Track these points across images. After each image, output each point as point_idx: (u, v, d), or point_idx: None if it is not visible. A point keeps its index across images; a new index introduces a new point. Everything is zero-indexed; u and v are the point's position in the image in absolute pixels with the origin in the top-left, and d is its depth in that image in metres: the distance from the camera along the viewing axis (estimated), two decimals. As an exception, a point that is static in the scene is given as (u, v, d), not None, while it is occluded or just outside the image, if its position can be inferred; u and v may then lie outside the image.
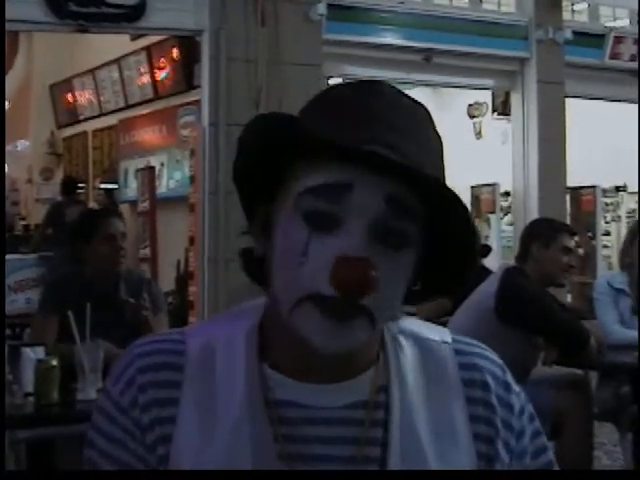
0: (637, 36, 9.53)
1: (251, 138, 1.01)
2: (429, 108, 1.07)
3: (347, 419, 1.04)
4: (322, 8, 7.67)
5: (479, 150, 11.34)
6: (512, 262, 4.43)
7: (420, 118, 1.03)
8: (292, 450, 1.03)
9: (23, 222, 12.82)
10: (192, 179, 7.75)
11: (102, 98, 11.61)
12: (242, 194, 1.08)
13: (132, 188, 10.57)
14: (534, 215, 7.98)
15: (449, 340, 1.12)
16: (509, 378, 1.13)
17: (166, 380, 1.06)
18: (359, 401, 1.05)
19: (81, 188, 11.25)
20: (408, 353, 1.09)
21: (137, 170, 10.26)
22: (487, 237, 9.58)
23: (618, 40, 9.52)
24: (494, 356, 1.14)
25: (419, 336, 1.12)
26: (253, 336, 1.07)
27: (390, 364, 1.08)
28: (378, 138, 0.97)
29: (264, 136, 1.00)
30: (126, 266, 4.02)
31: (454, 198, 0.97)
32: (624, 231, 8.39)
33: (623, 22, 10.07)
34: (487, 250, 6.22)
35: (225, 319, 1.12)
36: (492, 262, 7.07)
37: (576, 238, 4.43)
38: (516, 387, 1.13)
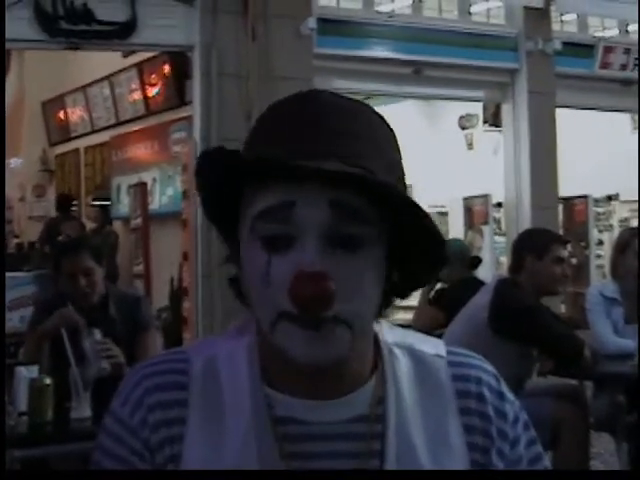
0: (626, 46, 9.58)
1: (199, 180, 1.04)
2: (420, 121, 1.08)
3: (348, 434, 1.05)
4: (312, 22, 7.70)
5: (471, 161, 11.37)
6: (505, 273, 4.43)
7: (362, 118, 1.03)
8: (297, 467, 1.04)
9: (16, 240, 12.78)
10: (184, 194, 7.75)
11: (94, 115, 11.61)
12: (217, 227, 1.10)
13: (124, 204, 10.56)
14: (526, 226, 7.98)
15: (443, 353, 1.13)
16: (503, 387, 1.14)
17: (173, 400, 1.06)
18: (359, 415, 1.06)
19: (74, 205, 11.25)
20: (404, 365, 1.11)
21: (129, 186, 10.26)
22: (480, 248, 9.58)
23: (608, 50, 9.55)
24: (488, 366, 1.15)
25: (414, 348, 1.13)
26: (254, 353, 1.08)
27: (387, 376, 1.09)
28: (311, 148, 0.98)
29: (206, 175, 1.03)
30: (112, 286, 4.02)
31: (402, 197, 0.98)
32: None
33: (612, 32, 10.11)
34: (478, 261, 6.23)
35: (226, 336, 1.13)
36: (485, 273, 7.09)
37: (569, 247, 4.44)
38: (510, 396, 1.14)
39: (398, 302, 1.10)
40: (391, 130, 1.07)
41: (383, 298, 1.05)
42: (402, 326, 1.19)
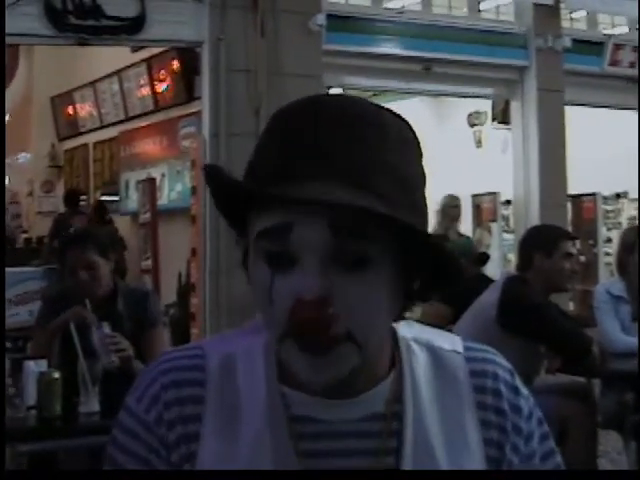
0: (636, 43, 9.55)
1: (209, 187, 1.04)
2: (429, 117, 1.06)
3: (364, 431, 1.05)
4: (321, 19, 7.69)
5: (479, 159, 11.34)
6: (513, 271, 4.43)
7: (373, 130, 0.99)
8: (312, 465, 1.03)
9: (25, 235, 12.82)
10: (193, 190, 7.76)
11: (103, 110, 11.63)
12: (235, 230, 1.08)
13: (133, 200, 10.58)
14: (535, 223, 7.97)
15: (460, 349, 1.13)
16: (518, 382, 1.14)
17: (190, 396, 1.06)
18: (375, 412, 1.06)
19: (83, 200, 11.27)
20: (421, 362, 1.10)
21: (138, 182, 10.27)
22: (488, 246, 9.57)
23: (617, 47, 9.53)
24: (504, 361, 1.15)
25: (431, 344, 1.12)
26: (270, 350, 1.07)
27: (405, 373, 1.09)
28: (309, 170, 0.96)
29: (212, 188, 1.03)
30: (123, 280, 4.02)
31: (401, 222, 0.96)
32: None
33: (622, 29, 10.08)
34: (486, 258, 6.23)
35: (244, 333, 1.12)
36: (493, 271, 7.08)
37: (577, 243, 4.42)
38: (525, 391, 1.14)
39: None
40: (414, 137, 1.04)
41: (403, 305, 1.05)
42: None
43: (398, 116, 1.04)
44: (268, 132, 1.03)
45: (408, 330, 1.12)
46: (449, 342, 1.14)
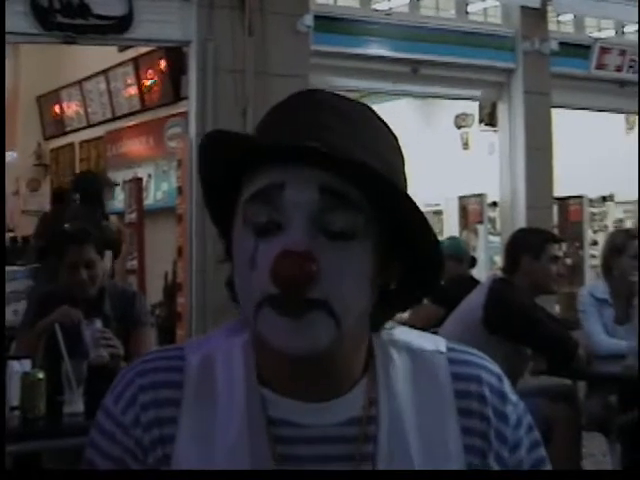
0: (622, 47, 9.59)
1: (199, 168, 1.05)
2: (416, 119, 1.07)
3: (341, 436, 1.04)
4: (309, 19, 7.68)
5: (466, 161, 11.37)
6: (499, 273, 4.44)
7: (357, 116, 1.02)
8: (289, 469, 1.02)
9: (11, 234, 12.75)
10: (179, 190, 7.74)
11: (89, 109, 11.58)
12: (218, 228, 1.09)
13: (119, 200, 10.54)
14: (521, 225, 7.99)
15: (443, 349, 1.11)
16: (506, 388, 1.11)
17: (167, 398, 1.05)
18: (352, 417, 1.04)
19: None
20: (399, 364, 1.08)
21: (124, 181, 10.24)
22: (474, 248, 9.59)
23: (604, 51, 9.56)
24: (492, 365, 1.12)
25: (411, 346, 1.10)
26: (250, 352, 1.07)
27: (379, 376, 1.07)
28: (305, 134, 0.98)
29: (205, 159, 1.04)
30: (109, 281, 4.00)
31: (391, 185, 0.97)
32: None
33: (608, 33, 10.12)
34: (474, 260, 6.24)
35: (223, 334, 1.11)
36: (480, 273, 7.09)
37: (563, 247, 4.45)
38: (513, 397, 1.11)
39: None
40: (392, 135, 1.06)
41: (380, 306, 1.04)
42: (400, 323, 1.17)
43: (385, 122, 1.07)
44: (266, 115, 1.06)
45: (386, 333, 1.10)
46: (431, 343, 1.12)
